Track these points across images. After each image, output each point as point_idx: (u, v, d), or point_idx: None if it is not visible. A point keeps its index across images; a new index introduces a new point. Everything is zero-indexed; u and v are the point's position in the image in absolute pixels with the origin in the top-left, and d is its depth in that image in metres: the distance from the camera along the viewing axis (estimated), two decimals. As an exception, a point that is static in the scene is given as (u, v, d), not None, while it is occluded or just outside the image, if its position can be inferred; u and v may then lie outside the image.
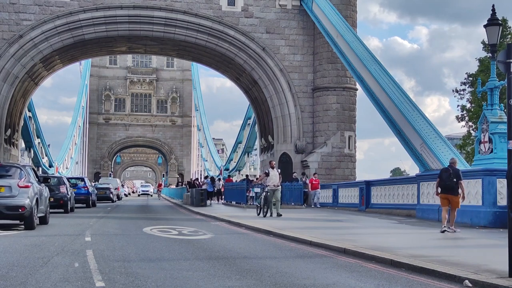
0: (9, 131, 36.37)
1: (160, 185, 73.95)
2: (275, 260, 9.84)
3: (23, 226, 15.17)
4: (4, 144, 35.42)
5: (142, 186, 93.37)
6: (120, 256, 10.03)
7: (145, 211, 29.23)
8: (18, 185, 14.71)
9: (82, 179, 33.34)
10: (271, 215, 20.09)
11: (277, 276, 8.05)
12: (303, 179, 31.56)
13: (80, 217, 21.40)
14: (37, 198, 15.34)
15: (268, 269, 8.63)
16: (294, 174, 33.29)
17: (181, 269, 8.58)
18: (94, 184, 43.16)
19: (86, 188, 31.56)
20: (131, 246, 11.52)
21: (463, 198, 14.90)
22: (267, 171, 20.92)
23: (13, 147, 38.06)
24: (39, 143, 53.20)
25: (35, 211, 15.16)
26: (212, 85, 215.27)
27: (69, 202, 24.29)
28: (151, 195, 79.57)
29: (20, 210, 14.49)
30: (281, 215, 19.96)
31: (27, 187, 14.81)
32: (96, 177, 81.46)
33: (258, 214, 20.76)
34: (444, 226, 14.57)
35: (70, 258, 9.55)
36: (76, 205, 27.73)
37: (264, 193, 20.46)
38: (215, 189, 38.74)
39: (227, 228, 17.34)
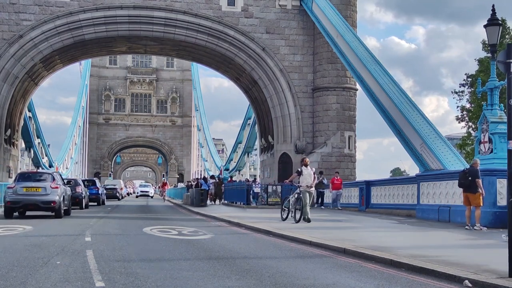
0: (9, 131, 36.36)
1: (164, 184, 59.04)
2: (275, 260, 9.84)
3: (30, 225, 16.84)
4: (4, 144, 35.41)
5: (140, 186, 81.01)
6: (120, 256, 10.03)
7: (145, 211, 29.24)
8: (50, 186, 20.06)
9: (94, 181, 37.94)
10: (307, 221, 17.29)
11: (277, 276, 8.06)
12: (320, 178, 29.48)
13: (83, 217, 21.41)
14: (63, 196, 20.81)
15: (268, 269, 8.64)
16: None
17: (181, 269, 8.58)
18: (103, 185, 46.89)
19: (97, 189, 35.96)
20: (131, 246, 11.53)
21: (482, 195, 15.47)
22: (299, 170, 18.10)
23: (13, 147, 38.05)
24: (39, 143, 53.22)
25: (62, 205, 20.57)
26: (210, 85, 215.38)
27: (83, 200, 28.62)
28: (152, 197, 68.76)
29: (52, 204, 19.94)
30: (309, 220, 17.35)
31: (56, 188, 20.16)
32: (96, 177, 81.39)
33: (284, 219, 18.19)
34: (467, 224, 15.44)
35: (70, 258, 9.56)
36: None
37: (296, 194, 17.91)
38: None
39: (227, 228, 17.34)
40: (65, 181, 24.33)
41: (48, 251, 10.52)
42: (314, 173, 18.24)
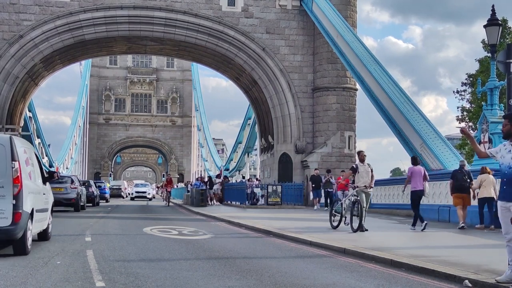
0: (9, 131, 36.37)
1: (169, 181, 41.66)
2: (275, 260, 9.85)
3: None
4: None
5: (136, 186, 61.17)
6: (120, 256, 10.04)
7: (145, 211, 29.25)
8: (70, 187, 25.59)
9: (103, 183, 46.11)
10: (363, 229, 14.39)
11: (277, 276, 8.06)
12: (327, 178, 28.10)
13: (86, 217, 21.42)
14: (80, 195, 26.33)
15: (268, 269, 8.65)
16: (316, 171, 31.85)
17: (181, 269, 8.59)
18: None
19: (105, 189, 43.86)
20: (131, 246, 11.54)
21: (474, 197, 16.19)
22: (354, 166, 15.11)
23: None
24: (39, 143, 53.21)
25: (80, 201, 26.02)
26: (208, 85, 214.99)
27: (95, 199, 33.77)
28: (150, 199, 55.24)
29: (72, 201, 25.39)
30: (366, 229, 14.53)
31: (75, 188, 25.83)
32: (97, 177, 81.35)
33: (335, 227, 15.13)
34: (462, 223, 15.77)
35: (70, 258, 9.57)
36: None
37: (353, 197, 14.84)
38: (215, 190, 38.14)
39: (227, 228, 17.35)
40: (81, 182, 29.73)
41: (48, 251, 10.53)
42: (372, 170, 14.99)
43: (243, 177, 56.49)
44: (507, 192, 7.39)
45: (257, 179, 39.26)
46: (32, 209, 10.21)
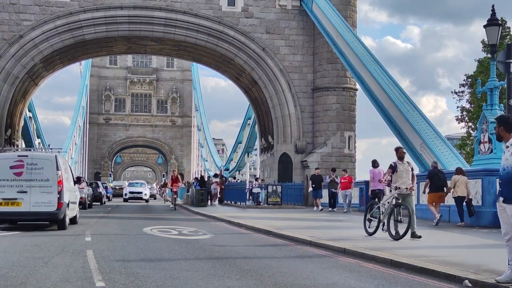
0: (9, 131, 36.39)
1: (175, 179, 32.85)
2: (275, 260, 9.85)
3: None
4: (4, 144, 35.41)
5: (130, 185, 53.10)
6: (120, 256, 10.05)
7: (145, 211, 29.25)
8: (78, 187, 26.93)
9: (105, 183, 50.87)
10: (417, 237, 12.60)
11: (277, 276, 8.07)
12: (333, 177, 26.50)
13: (87, 217, 21.40)
14: (87, 194, 29.12)
15: (268, 269, 8.65)
16: (317, 170, 30.81)
17: (181, 269, 8.60)
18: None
19: (108, 189, 48.49)
20: (131, 246, 11.54)
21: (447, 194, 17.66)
22: (393, 164, 12.98)
23: (13, 147, 38.03)
24: (39, 143, 53.19)
25: (87, 200, 28.74)
26: (207, 85, 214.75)
27: (102, 198, 37.45)
28: (147, 200, 48.39)
29: (80, 199, 26.11)
30: (419, 236, 12.62)
31: (83, 188, 27.45)
32: (97, 177, 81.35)
33: (372, 234, 13.30)
34: (437, 219, 16.97)
35: (70, 258, 9.57)
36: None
37: (394, 199, 12.91)
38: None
39: (227, 228, 17.36)
40: (89, 183, 33.43)
41: (48, 251, 10.54)
42: (413, 170, 13.25)
43: (234, 178, 56.55)
44: (504, 193, 7.62)
45: (262, 180, 39.12)
46: (68, 201, 15.52)
